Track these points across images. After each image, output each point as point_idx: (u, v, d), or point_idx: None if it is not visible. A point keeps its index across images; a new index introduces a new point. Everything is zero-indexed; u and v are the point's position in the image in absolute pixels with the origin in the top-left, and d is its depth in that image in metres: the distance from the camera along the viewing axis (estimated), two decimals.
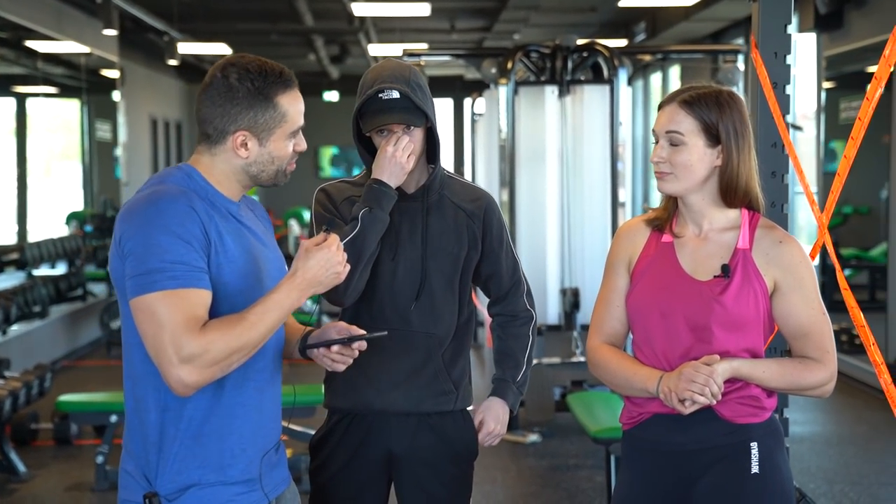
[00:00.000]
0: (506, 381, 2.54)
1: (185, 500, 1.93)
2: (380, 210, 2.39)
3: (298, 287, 1.90)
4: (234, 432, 1.96)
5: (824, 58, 8.17)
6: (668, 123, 2.12)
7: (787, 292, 2.10)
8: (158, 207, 1.86)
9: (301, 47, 14.21)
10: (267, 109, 1.94)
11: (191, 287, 1.83)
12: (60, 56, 9.84)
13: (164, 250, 1.83)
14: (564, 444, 5.72)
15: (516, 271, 2.58)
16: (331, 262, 1.92)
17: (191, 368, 1.81)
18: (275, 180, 2.02)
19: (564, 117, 6.11)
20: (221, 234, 1.92)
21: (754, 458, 2.10)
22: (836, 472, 5.33)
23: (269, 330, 1.89)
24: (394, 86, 2.37)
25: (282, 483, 2.09)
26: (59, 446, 5.71)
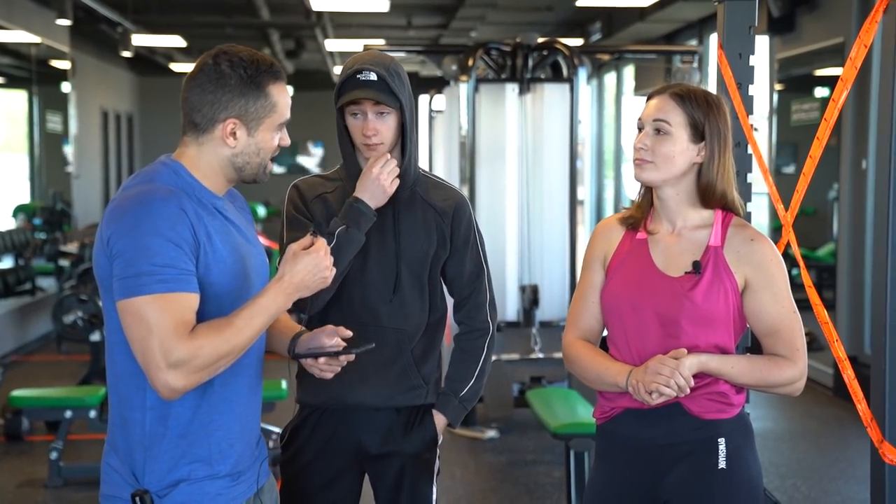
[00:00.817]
0: (448, 396, 2.54)
1: (175, 495, 1.92)
2: (357, 230, 2.41)
3: (285, 291, 1.90)
4: (222, 427, 1.96)
5: (776, 60, 8.31)
6: (657, 112, 2.16)
7: (757, 290, 2.14)
8: (149, 209, 1.84)
9: (256, 41, 14.09)
10: (258, 98, 1.94)
11: (180, 291, 1.82)
12: (8, 45, 9.65)
13: (154, 253, 1.81)
14: (522, 440, 5.75)
15: (479, 278, 2.55)
16: (318, 267, 1.92)
17: (179, 374, 1.80)
18: (257, 175, 2.01)
19: (524, 115, 6.14)
20: (210, 234, 1.90)
21: (721, 454, 2.13)
22: (789, 466, 5.43)
23: (255, 334, 1.89)
24: (372, 68, 2.40)
25: (263, 475, 2.09)
26: (10, 442, 5.61)
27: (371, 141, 2.42)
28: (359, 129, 2.43)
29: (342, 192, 2.51)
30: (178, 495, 1.93)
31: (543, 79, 6.24)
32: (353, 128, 2.44)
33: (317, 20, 11.51)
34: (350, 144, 2.48)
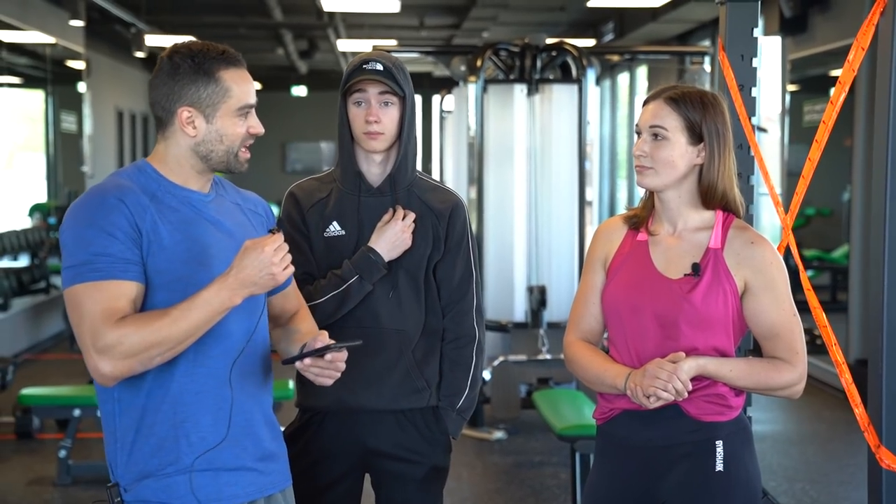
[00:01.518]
0: (445, 410, 2.54)
1: (140, 489, 1.94)
2: (368, 282, 2.44)
3: (230, 286, 1.88)
4: (189, 420, 1.95)
5: (789, 61, 8.27)
6: (653, 118, 2.15)
7: (757, 293, 2.13)
8: (87, 203, 1.91)
9: (269, 41, 14.15)
10: (209, 84, 1.96)
11: (113, 279, 1.87)
12: (25, 46, 9.72)
13: (89, 243, 1.87)
14: (530, 442, 5.75)
15: (467, 283, 2.54)
16: (264, 263, 1.88)
17: (106, 359, 1.84)
18: (227, 164, 2.01)
19: (533, 116, 6.14)
20: (156, 224, 1.92)
21: (719, 457, 2.13)
22: (797, 470, 5.40)
23: (193, 327, 1.88)
24: (379, 60, 2.43)
25: (268, 487, 2.06)
26: (21, 440, 5.64)
27: (373, 128, 2.41)
28: (361, 116, 2.42)
29: (337, 193, 2.51)
30: (143, 490, 1.94)
31: (552, 79, 6.24)
32: (356, 116, 2.44)
33: (329, 20, 11.54)
34: (349, 138, 2.48)
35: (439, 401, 2.54)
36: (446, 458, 2.55)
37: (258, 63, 16.91)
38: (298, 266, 2.40)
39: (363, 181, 2.50)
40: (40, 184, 10.51)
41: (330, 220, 2.49)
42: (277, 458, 2.10)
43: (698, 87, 2.19)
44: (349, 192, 2.50)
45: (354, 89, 2.43)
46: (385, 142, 2.45)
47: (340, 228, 2.49)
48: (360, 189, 2.50)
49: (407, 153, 2.49)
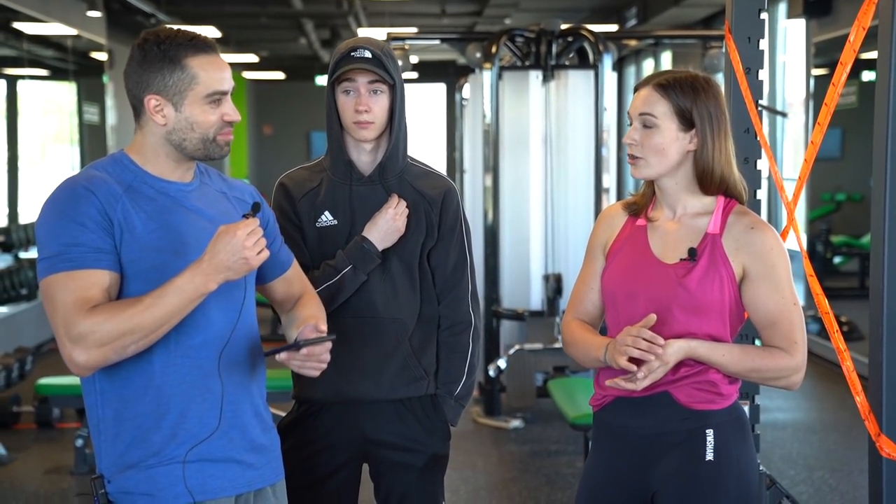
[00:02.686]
0: (443, 397, 2.52)
1: (123, 480, 1.94)
2: (362, 273, 2.42)
3: (203, 272, 1.87)
4: (172, 411, 1.94)
5: (813, 44, 8.16)
6: (642, 106, 2.11)
7: (756, 279, 2.08)
8: (58, 195, 1.92)
9: (291, 31, 14.16)
10: (174, 71, 1.93)
11: (84, 268, 1.86)
12: (49, 38, 9.79)
13: (59, 233, 1.87)
14: (546, 430, 5.72)
15: (462, 270, 2.52)
16: (236, 247, 1.86)
17: (79, 348, 1.83)
18: (205, 151, 1.98)
19: (548, 102, 6.09)
20: (129, 213, 1.91)
21: (709, 446, 2.09)
22: (817, 458, 5.34)
23: (167, 314, 1.86)
24: (368, 47, 2.40)
25: (257, 481, 2.04)
26: (41, 429, 5.70)
27: (363, 118, 2.39)
28: (351, 106, 2.40)
29: (328, 183, 2.49)
30: (126, 481, 1.93)
31: (568, 66, 6.18)
32: (345, 106, 2.41)
33: (349, 9, 11.52)
34: (339, 126, 2.46)
35: (437, 389, 2.52)
36: (446, 446, 2.54)
37: (281, 53, 16.98)
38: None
39: (354, 170, 2.48)
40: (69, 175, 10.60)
41: (322, 210, 2.47)
42: (268, 451, 2.08)
43: (691, 72, 2.14)
44: (340, 182, 2.48)
45: (343, 78, 2.40)
46: (375, 130, 2.42)
47: (332, 218, 2.47)
48: (352, 178, 2.47)
49: (398, 141, 2.47)
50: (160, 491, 1.93)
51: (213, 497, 1.97)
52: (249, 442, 2.03)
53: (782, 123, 9.10)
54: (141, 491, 1.93)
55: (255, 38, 15.18)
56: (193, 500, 1.94)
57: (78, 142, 10.71)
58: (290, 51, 16.64)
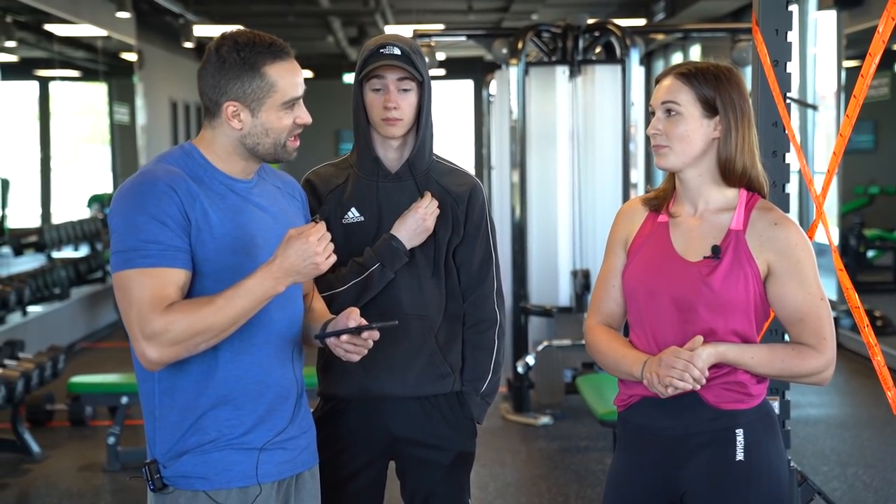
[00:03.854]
0: (469, 394, 2.52)
1: (179, 465, 1.99)
2: (390, 270, 2.43)
3: (273, 275, 1.91)
4: (230, 403, 2.00)
5: (844, 35, 8.06)
6: (665, 95, 2.10)
7: (781, 276, 2.06)
8: (139, 189, 1.94)
9: (319, 29, 14.20)
10: (254, 79, 1.97)
11: (163, 266, 1.90)
12: (79, 39, 9.88)
13: (140, 230, 1.90)
14: (576, 427, 5.70)
15: (487, 267, 2.52)
16: (308, 253, 1.91)
17: (153, 345, 1.88)
18: (275, 154, 2.03)
19: (575, 98, 6.06)
20: (207, 213, 1.95)
21: (739, 446, 2.07)
22: (850, 454, 5.28)
23: (238, 314, 1.91)
24: (397, 44, 2.40)
25: (299, 465, 2.11)
26: (74, 427, 5.76)
27: (391, 115, 2.39)
28: (379, 103, 2.40)
29: (354, 179, 2.49)
30: (182, 465, 1.99)
31: (594, 60, 6.15)
32: (373, 102, 2.42)
33: (375, 6, 11.54)
34: (366, 123, 2.46)
35: (463, 386, 2.51)
36: (472, 444, 2.54)
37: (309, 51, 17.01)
38: None
39: (381, 166, 2.48)
40: (102, 175, 10.71)
41: (348, 207, 2.47)
42: (308, 436, 2.15)
43: (712, 62, 2.12)
44: (367, 178, 2.48)
45: (372, 75, 2.40)
46: (403, 127, 2.43)
47: (359, 215, 2.47)
48: (378, 174, 2.48)
49: (425, 138, 2.47)
50: (215, 474, 1.99)
51: (265, 481, 2.03)
52: (293, 430, 2.10)
53: (813, 116, 9.01)
54: (197, 474, 1.99)
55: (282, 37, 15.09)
56: (252, 482, 2.01)
57: (109, 142, 10.81)
58: (318, 49, 16.68)
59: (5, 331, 6.86)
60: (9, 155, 8.72)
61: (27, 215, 9.06)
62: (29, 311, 7.45)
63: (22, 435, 5.19)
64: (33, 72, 9.42)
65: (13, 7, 8.07)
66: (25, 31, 8.76)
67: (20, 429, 5.20)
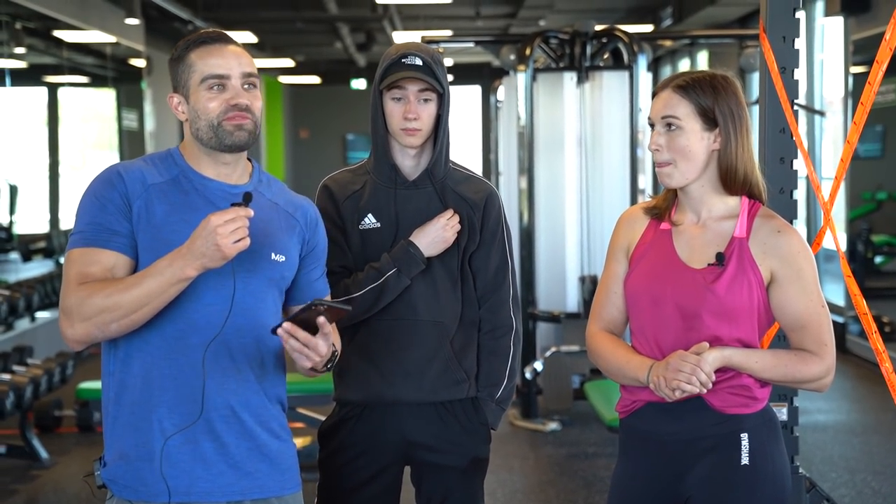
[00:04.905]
0: (484, 400, 2.52)
1: (114, 468, 1.97)
2: (406, 276, 2.43)
3: (182, 257, 1.89)
4: (164, 405, 1.95)
5: (851, 42, 8.06)
6: (664, 109, 2.10)
7: (784, 283, 2.07)
8: (95, 179, 2.02)
9: (327, 35, 14.23)
10: (182, 67, 2.04)
11: (94, 247, 1.95)
12: (88, 46, 9.92)
13: (84, 213, 1.98)
14: (584, 433, 5.70)
15: (503, 273, 2.52)
16: (208, 233, 1.85)
17: (67, 321, 1.92)
18: (217, 138, 2.00)
19: (583, 104, 6.06)
20: (151, 203, 1.97)
21: (744, 450, 2.07)
22: (859, 460, 5.27)
23: (146, 295, 1.88)
24: (418, 54, 2.41)
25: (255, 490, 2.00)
26: (82, 433, 5.77)
27: (411, 125, 2.40)
28: (400, 112, 2.41)
29: (372, 185, 2.50)
30: (116, 469, 1.96)
31: (602, 67, 6.15)
32: (393, 112, 2.42)
33: (383, 12, 11.56)
34: (384, 130, 2.47)
35: (478, 392, 2.52)
36: (486, 449, 2.54)
37: (317, 57, 17.07)
38: (335, 259, 2.40)
39: (398, 174, 2.49)
40: None
41: (365, 213, 2.48)
42: (275, 460, 2.03)
43: (708, 71, 2.13)
44: (384, 185, 2.49)
45: (393, 85, 2.41)
46: (422, 137, 2.44)
47: (376, 221, 2.48)
48: (396, 181, 2.48)
49: (443, 147, 2.48)
50: (144, 486, 1.94)
51: (196, 500, 1.96)
52: (249, 448, 2.00)
53: (821, 122, 9.00)
54: (126, 483, 1.96)
55: (290, 43, 15.28)
56: (170, 500, 1.94)
57: (117, 148, 10.84)
58: (326, 55, 16.73)
59: (14, 337, 6.88)
60: (17, 161, 8.75)
61: (36, 221, 9.09)
62: (37, 317, 7.47)
63: (30, 441, 5.21)
64: (42, 78, 9.46)
65: (22, 13, 8.11)
66: (35, 38, 8.80)
67: (29, 435, 5.21)
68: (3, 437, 5.40)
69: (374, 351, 2.45)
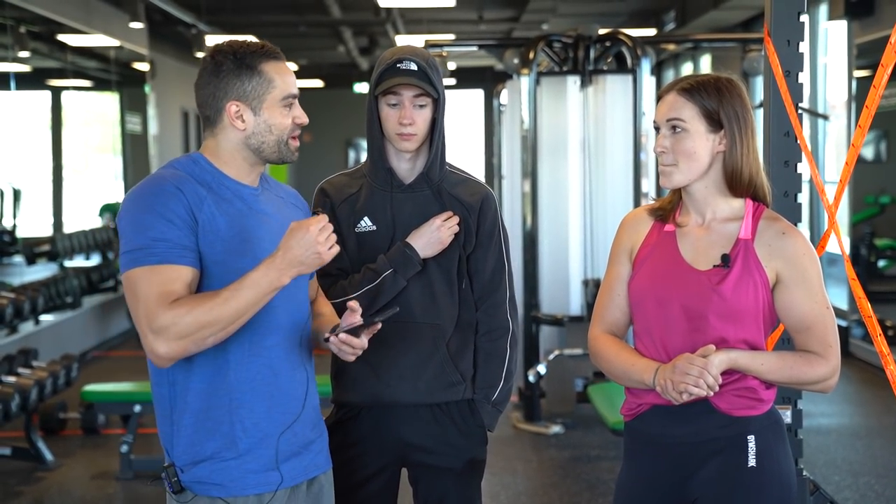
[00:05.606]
0: (480, 402, 2.54)
1: (197, 471, 2.01)
2: (402, 277, 2.44)
3: (277, 267, 1.93)
4: (244, 406, 2.02)
5: (855, 45, 8.07)
6: (669, 111, 2.11)
7: (789, 285, 2.08)
8: (146, 190, 1.98)
9: (330, 39, 14.26)
10: (252, 77, 2.02)
11: (169, 263, 1.93)
12: (92, 50, 9.94)
13: (147, 228, 1.94)
14: (587, 436, 5.71)
15: (500, 275, 2.54)
16: (309, 242, 1.93)
17: (161, 340, 1.90)
18: (279, 154, 2.06)
19: (587, 107, 6.07)
20: (214, 215, 1.99)
21: (751, 452, 2.08)
22: (863, 464, 5.27)
23: (243, 307, 1.93)
24: (413, 59, 2.42)
25: (313, 469, 2.14)
26: (87, 435, 5.78)
27: (406, 130, 2.42)
28: (395, 117, 2.43)
29: (368, 189, 2.52)
30: (200, 471, 2.01)
31: (605, 70, 6.17)
32: (389, 117, 2.44)
33: (386, 16, 11.58)
34: (380, 134, 2.48)
35: (474, 394, 2.53)
36: (483, 451, 2.55)
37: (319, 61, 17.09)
38: (332, 261, 2.41)
39: (394, 177, 2.50)
40: (112, 184, 10.76)
41: (361, 216, 2.50)
42: (321, 440, 2.17)
43: (712, 74, 2.14)
44: (380, 188, 2.51)
45: (388, 91, 2.42)
46: (417, 142, 2.46)
47: (372, 224, 2.49)
48: (392, 185, 2.50)
49: (438, 150, 2.49)
50: (231, 482, 2.01)
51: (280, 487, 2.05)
52: (307, 435, 2.13)
53: (824, 126, 9.01)
54: (214, 481, 2.01)
55: (293, 47, 15.30)
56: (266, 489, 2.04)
57: (121, 151, 10.86)
58: (329, 59, 16.75)
59: (18, 339, 6.89)
60: (21, 164, 8.77)
61: (39, 224, 9.11)
62: (41, 320, 7.48)
63: (35, 443, 5.22)
64: (46, 81, 9.48)
65: (27, 17, 8.13)
66: (39, 42, 8.82)
67: (34, 437, 5.23)
68: (8, 440, 5.41)
69: (370, 353, 2.45)
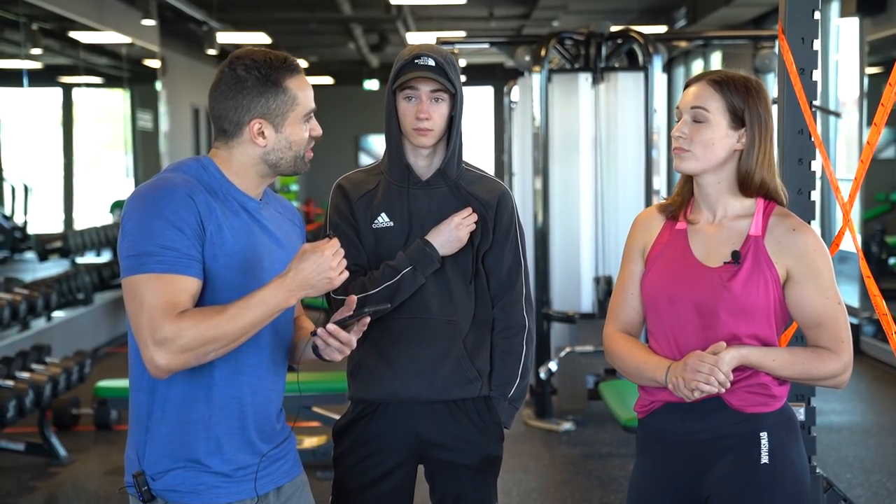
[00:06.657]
0: (497, 399, 2.54)
1: (169, 479, 1.97)
2: (421, 275, 2.45)
3: (287, 287, 1.91)
4: (222, 423, 1.99)
5: (867, 43, 8.04)
6: (695, 100, 2.11)
7: (800, 281, 2.08)
8: (157, 194, 1.93)
9: (340, 36, 14.27)
10: (277, 94, 1.99)
11: (176, 273, 1.89)
12: (104, 47, 9.97)
13: (156, 234, 1.89)
14: (598, 433, 5.71)
15: (516, 273, 2.55)
16: (322, 267, 1.92)
17: (163, 352, 1.86)
18: (294, 168, 2.05)
19: (598, 105, 6.07)
20: (221, 227, 1.95)
21: (764, 448, 2.08)
22: (874, 461, 5.26)
23: (249, 325, 1.90)
24: (431, 55, 2.43)
25: (282, 476, 2.11)
26: (100, 431, 5.81)
27: (423, 125, 2.43)
28: (412, 112, 2.44)
29: (385, 185, 2.53)
30: (172, 479, 1.97)
31: (617, 68, 6.16)
32: (406, 112, 2.45)
33: (397, 13, 11.58)
34: (398, 130, 2.49)
35: (491, 391, 2.54)
36: (499, 448, 2.56)
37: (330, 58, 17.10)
38: (350, 257, 2.42)
39: (411, 173, 2.51)
40: (123, 181, 10.79)
41: (378, 212, 2.51)
42: (287, 445, 2.14)
43: (743, 73, 2.14)
44: (397, 185, 2.51)
45: (406, 85, 2.43)
46: (434, 137, 2.46)
47: (389, 220, 2.50)
48: (409, 181, 2.51)
49: (456, 147, 2.50)
50: (206, 490, 1.98)
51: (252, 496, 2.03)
52: (276, 442, 2.09)
53: (835, 123, 8.98)
54: (187, 489, 1.97)
55: (304, 44, 15.32)
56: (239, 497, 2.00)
57: (131, 148, 10.90)
58: (339, 56, 16.76)
59: (31, 335, 6.93)
60: (33, 161, 8.81)
61: (51, 221, 9.15)
62: (54, 317, 7.51)
63: (49, 438, 5.25)
64: (58, 78, 9.52)
65: (39, 15, 8.17)
66: (51, 39, 8.85)
67: (47, 432, 5.25)
68: (22, 435, 5.44)
69: (387, 349, 2.48)
